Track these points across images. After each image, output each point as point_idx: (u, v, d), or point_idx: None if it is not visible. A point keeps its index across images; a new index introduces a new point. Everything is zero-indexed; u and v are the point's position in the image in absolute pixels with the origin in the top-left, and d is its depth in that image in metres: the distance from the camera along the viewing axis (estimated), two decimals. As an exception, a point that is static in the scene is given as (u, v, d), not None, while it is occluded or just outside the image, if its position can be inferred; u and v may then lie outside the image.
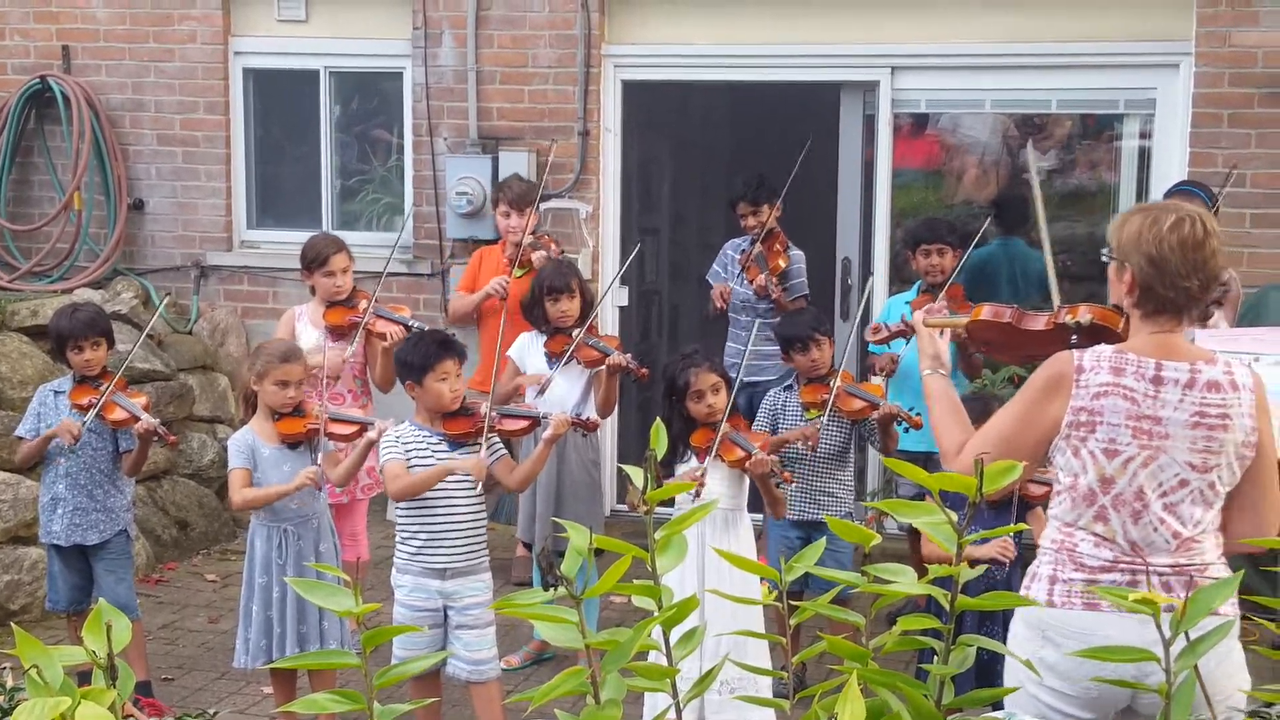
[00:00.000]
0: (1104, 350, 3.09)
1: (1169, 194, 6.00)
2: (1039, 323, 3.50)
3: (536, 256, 6.56)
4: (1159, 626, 1.81)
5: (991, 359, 4.40)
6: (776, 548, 5.47)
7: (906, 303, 6.22)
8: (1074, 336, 3.33)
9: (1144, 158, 7.37)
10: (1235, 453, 3.06)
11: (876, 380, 5.90)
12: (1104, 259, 3.21)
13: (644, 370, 5.83)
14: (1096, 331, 3.30)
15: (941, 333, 3.56)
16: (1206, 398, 3.03)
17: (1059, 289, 4.15)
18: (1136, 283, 3.08)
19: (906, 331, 3.73)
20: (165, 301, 6.47)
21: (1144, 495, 3.04)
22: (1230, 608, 2.89)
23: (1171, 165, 7.07)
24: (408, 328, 6.01)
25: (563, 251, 6.82)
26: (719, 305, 6.99)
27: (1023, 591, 3.17)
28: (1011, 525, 4.27)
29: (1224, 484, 3.08)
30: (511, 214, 6.70)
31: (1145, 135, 7.37)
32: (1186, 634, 1.79)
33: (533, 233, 6.75)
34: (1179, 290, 3.06)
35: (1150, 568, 3.03)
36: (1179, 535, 3.05)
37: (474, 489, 4.79)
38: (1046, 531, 3.20)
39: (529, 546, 6.14)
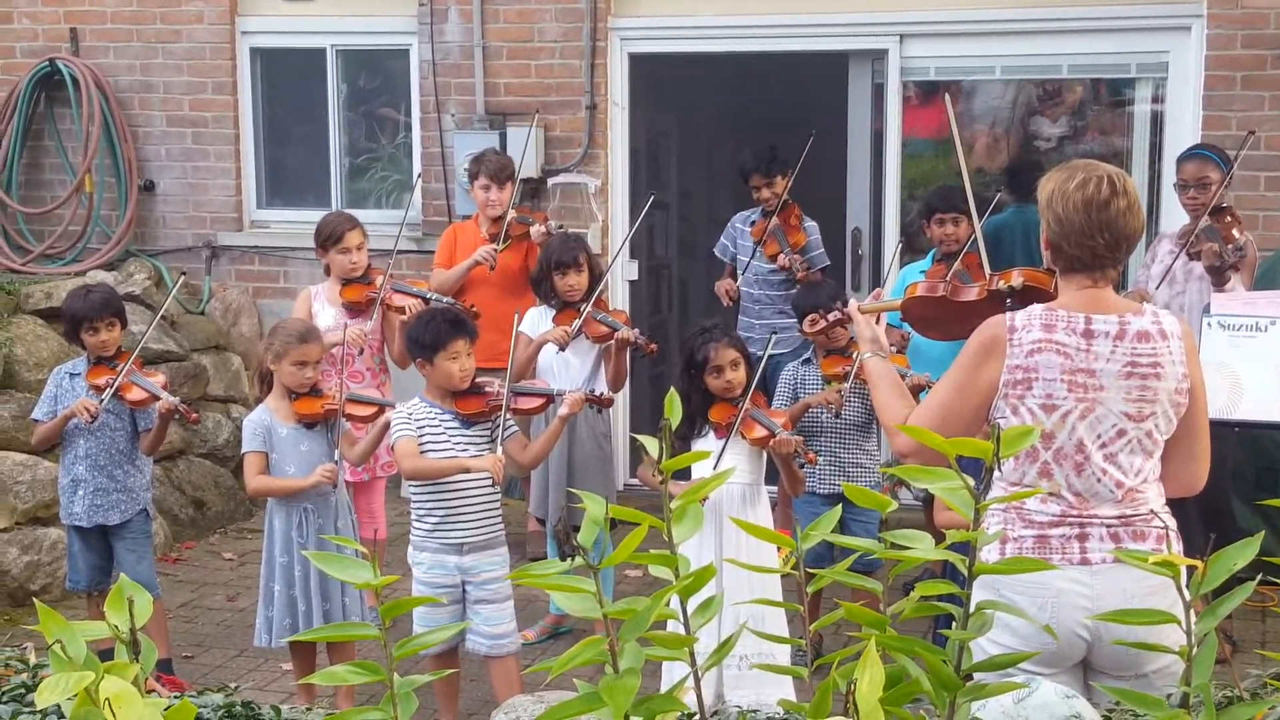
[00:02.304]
0: (1035, 309, 3.16)
1: (1183, 157, 5.97)
2: (972, 293, 3.57)
3: (535, 232, 6.54)
4: (1180, 588, 1.81)
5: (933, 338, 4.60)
6: (807, 523, 5.46)
7: (921, 272, 6.20)
8: (1008, 301, 3.40)
9: (1156, 122, 7.33)
10: (1169, 400, 3.13)
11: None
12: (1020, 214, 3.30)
13: (653, 345, 5.82)
14: (1029, 294, 3.36)
15: (878, 318, 3.64)
16: (1137, 348, 3.10)
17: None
18: (1050, 241, 3.18)
19: (843, 320, 3.78)
20: (179, 283, 6.45)
21: (1084, 447, 3.10)
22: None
23: (1184, 129, 7.03)
24: (426, 300, 6.01)
25: (561, 226, 6.81)
26: (726, 303, 6.95)
27: None
28: None
29: (1161, 432, 3.15)
30: (491, 187, 6.66)
31: (1158, 99, 7.33)
32: (1205, 596, 1.79)
33: (514, 206, 6.72)
34: (1084, 249, 3.12)
35: (1097, 518, 3.09)
36: (1122, 485, 3.11)
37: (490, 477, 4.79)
38: (992, 493, 3.23)
39: (542, 522, 6.15)
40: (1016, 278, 3.44)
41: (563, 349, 5.73)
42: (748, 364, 4.93)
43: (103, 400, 5.29)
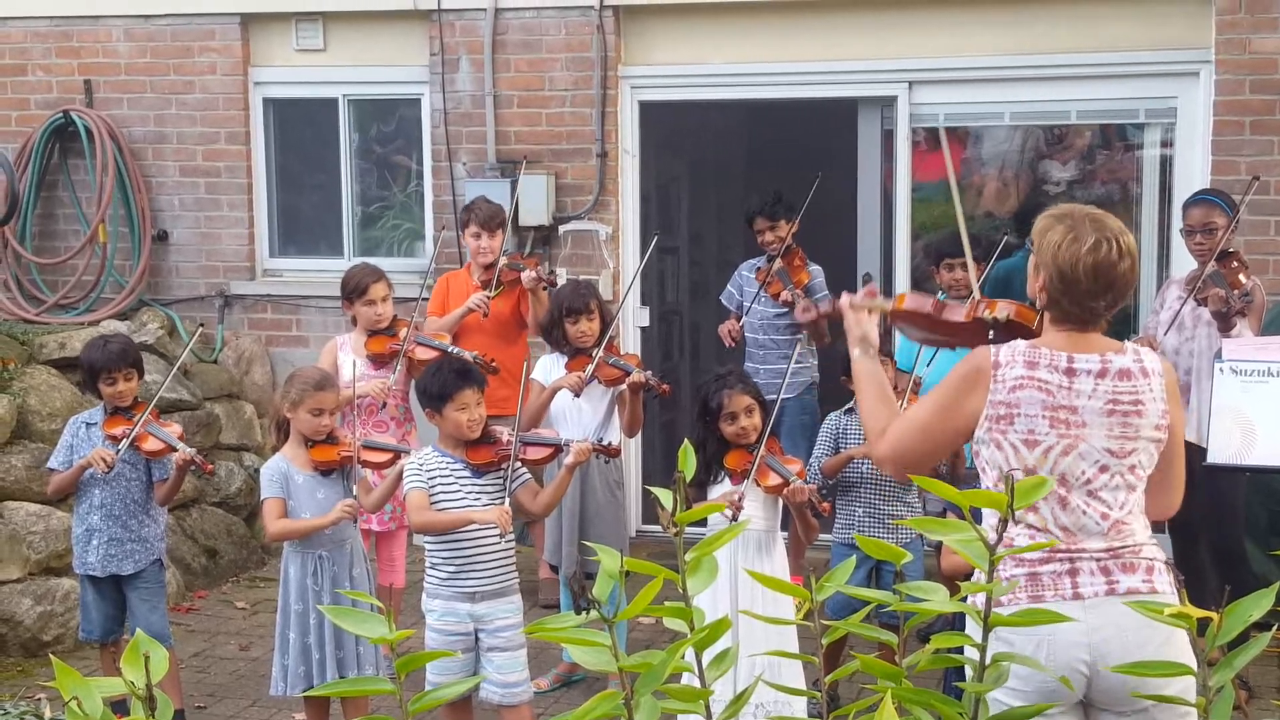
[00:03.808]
0: (1018, 345, 3.21)
1: (1189, 203, 5.98)
2: (959, 314, 3.59)
3: (526, 277, 6.57)
4: (1194, 638, 1.81)
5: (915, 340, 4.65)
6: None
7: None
8: (991, 332, 3.44)
9: (1165, 167, 7.36)
10: (1150, 436, 3.16)
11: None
12: (1028, 246, 3.31)
13: (665, 386, 5.84)
14: (1013, 328, 3.41)
15: (870, 314, 3.60)
16: (1118, 385, 3.14)
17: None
18: (1047, 291, 3.20)
19: (835, 313, 3.72)
20: (196, 335, 6.46)
21: (1067, 482, 3.13)
22: (1166, 587, 3.08)
23: (1193, 174, 7.05)
24: (448, 354, 6.03)
25: (553, 271, 6.85)
26: (729, 344, 6.99)
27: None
28: None
29: (1144, 468, 3.18)
30: (482, 235, 6.72)
31: (1166, 144, 7.36)
32: (1222, 647, 1.79)
33: (505, 253, 6.76)
34: (1085, 309, 3.17)
35: (1086, 552, 3.10)
36: (1108, 517, 3.13)
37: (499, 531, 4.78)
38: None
39: (555, 569, 6.14)
40: (1002, 310, 3.47)
41: (577, 395, 5.75)
42: (762, 410, 4.93)
43: (119, 450, 5.30)
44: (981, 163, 8.12)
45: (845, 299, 3.63)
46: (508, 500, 4.81)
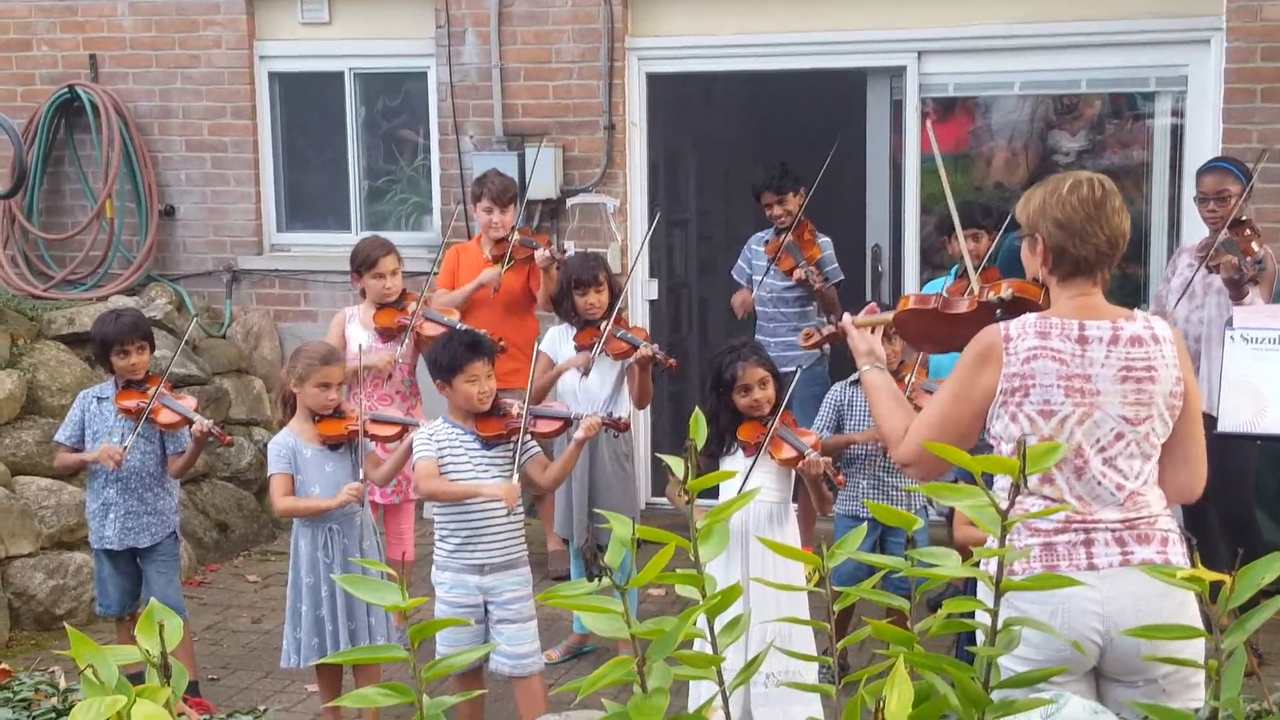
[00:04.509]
0: (1028, 317, 3.21)
1: (1202, 170, 5.96)
2: (963, 305, 3.61)
3: (540, 256, 6.56)
4: (1205, 602, 1.81)
5: (927, 352, 4.63)
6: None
7: (944, 288, 6.19)
8: (998, 312, 3.44)
9: (1176, 135, 7.31)
10: (1165, 402, 3.16)
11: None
12: (1015, 241, 3.30)
13: (672, 360, 5.83)
14: (1019, 305, 3.41)
15: (874, 330, 3.67)
16: (1131, 352, 3.15)
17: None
18: (1049, 248, 3.21)
19: (838, 334, 3.79)
20: (202, 307, 6.45)
21: (1083, 452, 3.12)
22: (1180, 558, 3.10)
23: (1204, 142, 7.02)
24: (456, 331, 6.04)
25: (564, 250, 6.83)
26: (740, 315, 6.97)
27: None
28: None
29: (1158, 435, 3.18)
30: (494, 209, 6.71)
31: (1177, 113, 7.31)
32: (1234, 612, 1.79)
33: (515, 228, 6.75)
34: (1089, 246, 3.17)
35: (1101, 523, 3.11)
36: (1123, 488, 3.14)
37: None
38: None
39: (567, 541, 6.15)
40: (1006, 289, 3.49)
41: (585, 375, 5.74)
42: (776, 383, 4.92)
43: (127, 445, 5.31)
44: (991, 133, 8.08)
45: (847, 320, 3.72)
46: (516, 476, 4.81)
